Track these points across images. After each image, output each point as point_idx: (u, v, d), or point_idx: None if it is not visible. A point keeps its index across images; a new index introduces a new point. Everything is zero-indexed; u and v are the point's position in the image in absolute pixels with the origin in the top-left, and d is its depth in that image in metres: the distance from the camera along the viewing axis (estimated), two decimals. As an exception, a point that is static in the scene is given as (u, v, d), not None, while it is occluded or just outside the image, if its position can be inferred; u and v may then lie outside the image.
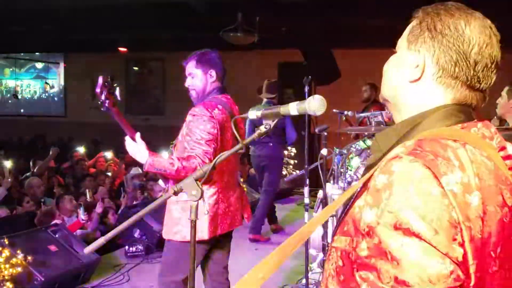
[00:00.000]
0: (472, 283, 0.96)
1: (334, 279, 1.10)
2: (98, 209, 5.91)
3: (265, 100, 6.27)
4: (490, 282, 1.00)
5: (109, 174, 8.39)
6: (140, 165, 2.95)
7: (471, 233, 0.95)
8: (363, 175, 1.17)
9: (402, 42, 1.19)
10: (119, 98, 2.62)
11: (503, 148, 1.11)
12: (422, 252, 0.92)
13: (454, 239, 0.93)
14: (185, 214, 2.92)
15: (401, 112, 1.18)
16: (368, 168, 1.17)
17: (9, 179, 6.27)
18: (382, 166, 1.02)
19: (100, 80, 2.53)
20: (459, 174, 0.98)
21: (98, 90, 2.53)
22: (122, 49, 11.86)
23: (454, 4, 1.13)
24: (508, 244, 1.02)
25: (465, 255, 0.94)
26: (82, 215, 5.63)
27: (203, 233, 2.94)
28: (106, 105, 2.56)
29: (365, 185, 1.07)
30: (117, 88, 2.61)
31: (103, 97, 2.55)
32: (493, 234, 0.99)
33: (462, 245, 0.94)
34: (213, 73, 3.09)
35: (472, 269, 0.95)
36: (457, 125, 1.08)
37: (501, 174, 1.05)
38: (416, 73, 1.14)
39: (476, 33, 1.08)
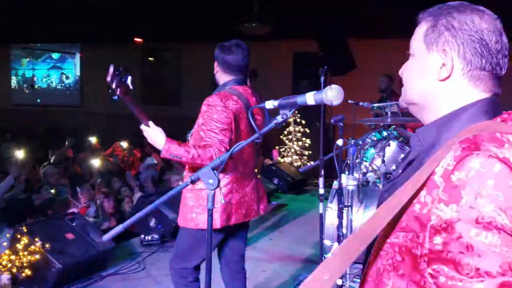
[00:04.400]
0: None
1: (391, 274, 1.13)
2: (99, 199, 5.96)
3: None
4: None
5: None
6: (157, 154, 2.98)
7: None
8: (403, 170, 1.21)
9: (418, 46, 1.24)
10: (131, 86, 2.61)
11: None
12: (504, 244, 0.96)
13: None
14: (199, 202, 2.95)
15: (435, 111, 1.23)
16: (410, 163, 1.22)
17: (17, 168, 6.35)
18: (452, 164, 1.04)
19: (111, 68, 2.54)
20: None
21: (109, 78, 2.54)
22: (137, 39, 11.89)
23: (460, 3, 1.20)
24: None
25: None
26: (82, 199, 5.70)
27: (216, 221, 2.96)
28: (118, 93, 2.57)
29: (423, 181, 1.09)
30: (129, 77, 2.61)
31: (114, 85, 2.55)
32: None
33: None
34: (215, 64, 3.16)
35: None
36: (496, 118, 1.13)
37: None
38: (444, 72, 1.19)
39: (490, 25, 1.16)
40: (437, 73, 1.20)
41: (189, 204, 3.04)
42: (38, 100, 15.45)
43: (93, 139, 10.17)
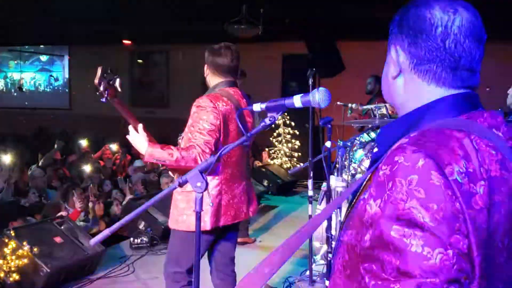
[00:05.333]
0: (478, 274, 0.95)
1: (342, 274, 1.10)
2: (91, 202, 5.94)
3: None
4: (498, 273, 1.00)
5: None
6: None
7: (475, 223, 0.94)
8: (369, 168, 1.16)
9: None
10: (119, 89, 2.61)
11: (511, 138, 1.10)
12: (425, 242, 0.91)
13: (458, 229, 0.92)
14: (190, 204, 2.95)
15: (405, 110, 1.19)
16: (374, 161, 1.17)
17: (6, 171, 6.31)
18: (385, 157, 1.02)
19: (99, 71, 2.53)
20: (463, 164, 0.97)
21: (96, 81, 2.53)
22: (126, 41, 11.86)
23: None
24: None
25: (469, 245, 0.93)
26: (77, 203, 5.67)
27: (205, 223, 2.97)
28: (106, 96, 2.56)
29: (370, 179, 1.07)
30: (118, 79, 2.60)
31: (102, 88, 2.55)
32: (500, 224, 0.98)
33: (466, 235, 0.93)
34: (206, 67, 3.17)
35: (477, 260, 0.95)
36: (463, 116, 1.08)
37: (508, 164, 1.04)
38: (394, 70, 1.17)
39: (438, 13, 1.09)
40: (392, 71, 1.17)
41: (180, 206, 3.04)
42: (26, 103, 15.35)
43: (83, 142, 10.12)
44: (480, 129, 1.05)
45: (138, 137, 2.86)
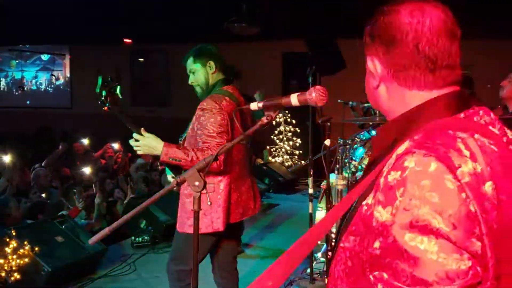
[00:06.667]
0: (491, 275, 0.93)
1: (344, 281, 1.08)
2: (97, 199, 5.95)
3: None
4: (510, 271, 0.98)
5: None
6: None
7: (488, 224, 0.93)
8: (365, 170, 1.15)
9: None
10: (120, 96, 2.63)
11: (505, 134, 1.10)
12: (440, 248, 0.90)
13: (473, 233, 0.91)
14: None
15: (390, 116, 1.19)
16: (371, 164, 1.17)
17: (9, 171, 6.32)
18: (392, 162, 1.00)
19: (100, 80, 2.55)
20: (471, 165, 0.95)
21: (98, 90, 2.55)
22: (127, 40, 11.85)
23: (391, 3, 1.14)
24: None
25: (483, 247, 0.92)
26: (77, 201, 5.67)
27: (219, 224, 2.98)
28: (108, 104, 2.58)
29: (372, 183, 1.04)
30: (118, 86, 2.62)
31: (103, 97, 2.56)
32: (509, 223, 0.97)
33: (480, 238, 0.92)
34: (212, 63, 3.11)
35: (490, 263, 0.93)
36: (459, 114, 1.07)
37: (509, 161, 1.03)
38: (375, 80, 1.17)
39: (406, 19, 1.08)
40: (372, 82, 1.18)
41: (189, 209, 3.00)
42: (28, 102, 15.36)
43: (85, 141, 10.12)
44: (480, 128, 1.04)
45: (147, 140, 2.88)
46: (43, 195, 6.34)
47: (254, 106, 1.80)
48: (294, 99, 1.69)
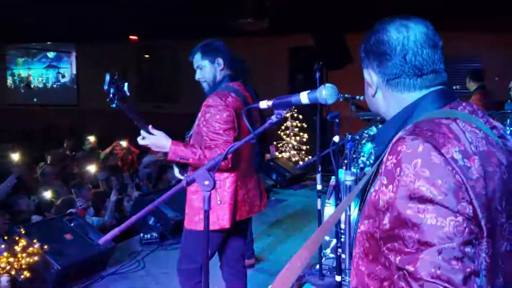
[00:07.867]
0: (485, 234, 1.12)
1: (364, 261, 1.25)
2: (113, 197, 5.96)
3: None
4: (500, 231, 1.17)
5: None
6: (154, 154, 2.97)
7: (475, 191, 1.11)
8: (372, 165, 1.31)
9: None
10: (127, 93, 2.61)
11: (487, 120, 1.29)
12: (437, 214, 1.07)
13: (462, 198, 1.08)
14: None
15: (388, 117, 1.39)
16: (377, 159, 1.32)
17: (17, 168, 6.34)
18: (388, 150, 1.18)
19: (107, 77, 2.54)
20: (456, 143, 1.14)
21: (106, 87, 2.54)
22: (133, 37, 11.84)
23: (380, 21, 1.35)
24: (511, 197, 1.20)
25: (474, 210, 1.09)
26: (77, 201, 5.68)
27: (224, 221, 2.97)
28: (116, 101, 2.57)
29: (377, 173, 1.23)
30: (126, 83, 2.61)
31: (111, 94, 2.56)
32: (496, 190, 1.16)
33: (470, 202, 1.09)
34: (220, 60, 3.08)
35: (483, 222, 1.11)
36: (445, 107, 1.26)
37: (491, 139, 1.23)
38: (372, 89, 1.38)
39: (394, 35, 1.29)
40: (370, 91, 1.38)
41: (196, 206, 3.00)
42: (35, 100, 15.42)
43: (91, 138, 10.13)
44: (462, 115, 1.23)
45: (155, 138, 2.88)
46: (50, 192, 6.35)
47: (263, 104, 1.79)
48: (303, 97, 1.68)
